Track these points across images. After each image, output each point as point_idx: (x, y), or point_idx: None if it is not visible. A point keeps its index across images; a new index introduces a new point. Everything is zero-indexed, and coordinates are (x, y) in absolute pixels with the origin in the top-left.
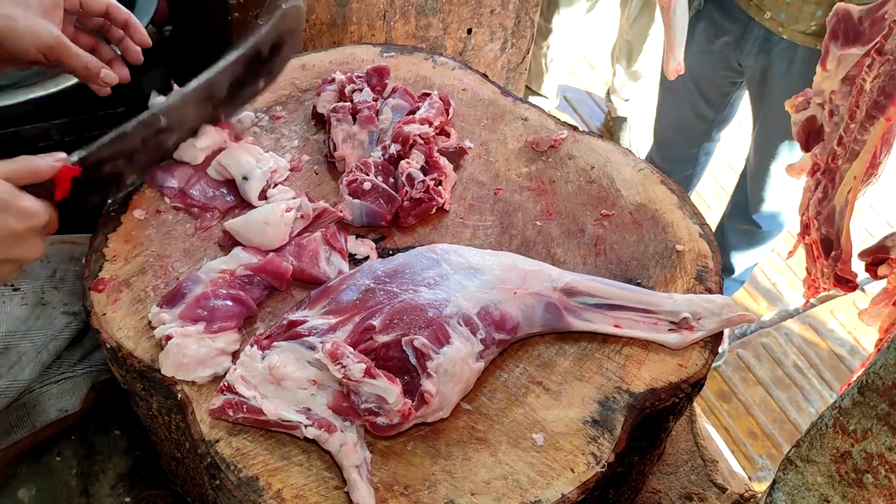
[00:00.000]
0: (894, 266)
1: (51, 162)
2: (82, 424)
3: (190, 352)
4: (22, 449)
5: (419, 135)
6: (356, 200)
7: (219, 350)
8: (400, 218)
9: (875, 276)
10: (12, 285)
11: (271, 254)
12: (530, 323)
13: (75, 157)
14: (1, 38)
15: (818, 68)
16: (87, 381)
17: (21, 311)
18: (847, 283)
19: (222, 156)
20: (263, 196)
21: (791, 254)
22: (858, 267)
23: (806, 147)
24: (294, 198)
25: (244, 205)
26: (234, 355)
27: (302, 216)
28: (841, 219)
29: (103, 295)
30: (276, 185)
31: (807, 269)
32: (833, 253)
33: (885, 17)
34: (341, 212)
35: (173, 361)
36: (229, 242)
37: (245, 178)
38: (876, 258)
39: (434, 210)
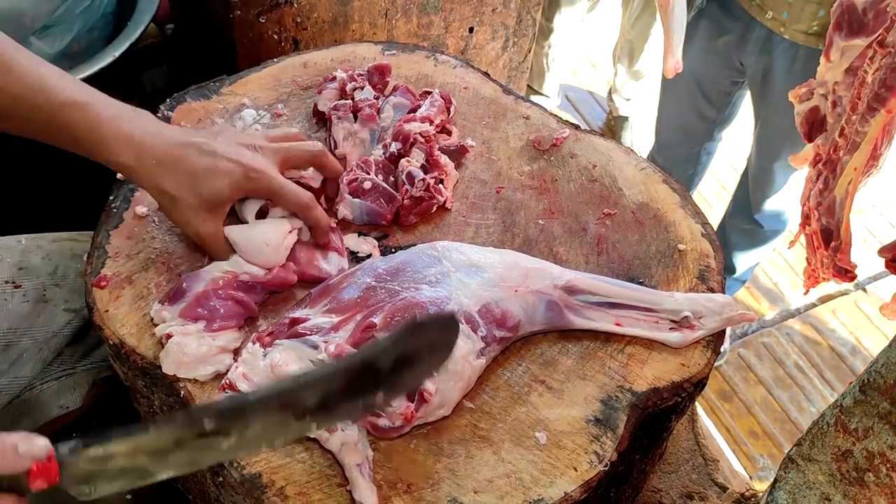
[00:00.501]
0: None
1: (18, 452)
2: (83, 421)
3: (190, 350)
4: None
5: (420, 133)
6: (356, 199)
7: (219, 348)
8: (400, 217)
9: (895, 272)
10: (14, 282)
11: (276, 269)
12: (532, 321)
13: (64, 448)
14: (158, 205)
15: (822, 59)
16: (88, 378)
17: (22, 308)
18: (846, 274)
19: None
20: (262, 215)
21: (792, 244)
22: (858, 259)
23: (809, 138)
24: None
25: None
26: (236, 353)
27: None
28: (841, 209)
29: (105, 291)
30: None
31: (807, 259)
32: (833, 243)
33: (888, 9)
34: (335, 225)
35: (174, 360)
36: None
37: (241, 199)
38: None
39: (434, 209)
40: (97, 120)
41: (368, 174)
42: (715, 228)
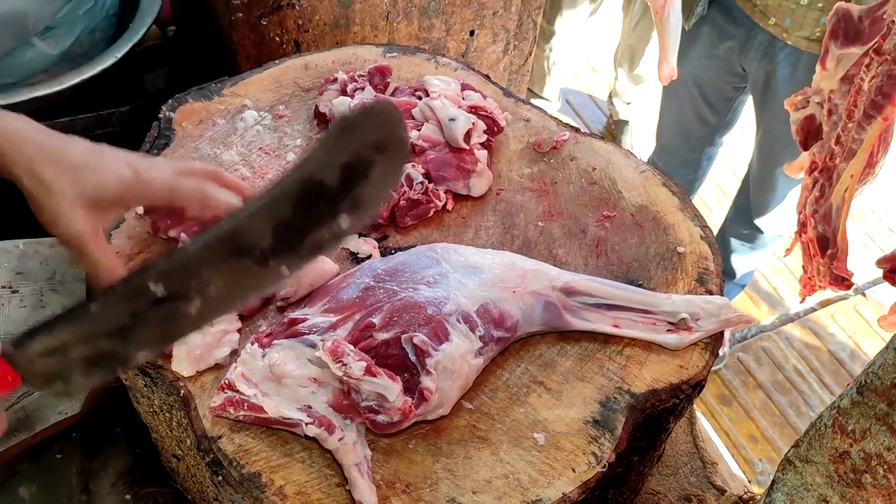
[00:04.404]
0: None
1: None
2: (83, 422)
3: (197, 343)
4: (20, 450)
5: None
6: None
7: (222, 331)
8: (397, 218)
9: (894, 284)
10: (11, 287)
11: None
12: (529, 321)
13: (7, 346)
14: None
15: (817, 67)
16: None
17: (20, 313)
18: (842, 282)
19: None
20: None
21: (788, 251)
22: (855, 266)
23: (804, 146)
24: None
25: None
26: (239, 332)
27: None
28: (837, 217)
29: None
30: None
31: (803, 267)
32: (829, 251)
33: (885, 17)
34: None
35: (187, 359)
36: None
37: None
38: (895, 265)
39: (432, 213)
40: None
41: None
42: (715, 233)
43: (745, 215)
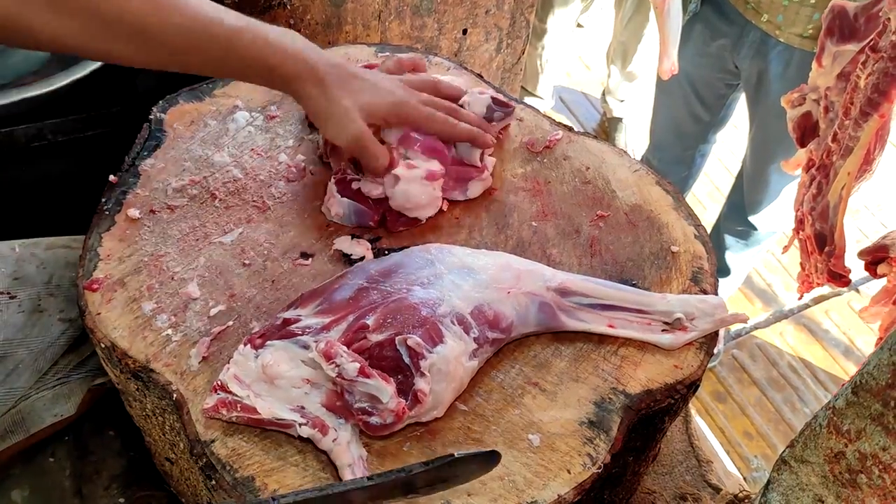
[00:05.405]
0: (894, 265)
1: None
2: (76, 425)
3: (417, 191)
4: (13, 453)
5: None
6: (345, 198)
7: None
8: (388, 221)
9: (874, 275)
10: (9, 293)
11: None
12: (524, 322)
13: None
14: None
15: (814, 64)
16: (82, 386)
17: (18, 318)
18: (840, 279)
19: None
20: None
21: (786, 248)
22: (852, 263)
23: (801, 143)
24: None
25: None
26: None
27: None
28: (835, 214)
29: (97, 294)
30: None
31: (801, 264)
32: (827, 248)
33: (880, 14)
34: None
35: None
36: None
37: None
38: (875, 257)
39: (425, 220)
40: (265, 42)
41: (358, 175)
42: (709, 230)
43: (739, 212)
